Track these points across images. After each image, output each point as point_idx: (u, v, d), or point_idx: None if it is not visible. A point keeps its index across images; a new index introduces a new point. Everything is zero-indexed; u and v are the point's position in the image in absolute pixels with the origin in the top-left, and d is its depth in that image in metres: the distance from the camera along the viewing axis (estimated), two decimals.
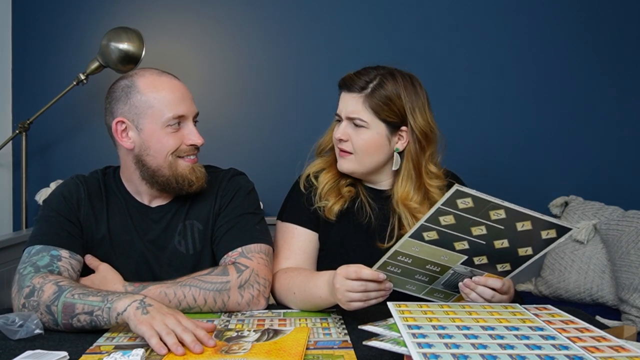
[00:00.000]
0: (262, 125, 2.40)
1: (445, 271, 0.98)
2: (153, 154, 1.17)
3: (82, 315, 0.98)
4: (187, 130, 1.19)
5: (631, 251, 1.89)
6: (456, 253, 0.94)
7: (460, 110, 2.35)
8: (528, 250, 0.93)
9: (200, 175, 1.21)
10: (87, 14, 2.36)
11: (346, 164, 1.30)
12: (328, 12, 2.39)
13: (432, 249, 0.93)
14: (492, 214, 0.85)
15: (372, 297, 0.98)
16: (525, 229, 0.87)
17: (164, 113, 1.15)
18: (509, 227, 0.88)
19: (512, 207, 0.85)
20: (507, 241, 0.91)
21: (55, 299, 1.01)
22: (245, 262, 1.16)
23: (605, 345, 0.71)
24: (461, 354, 0.66)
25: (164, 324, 0.91)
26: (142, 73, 1.19)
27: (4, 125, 2.33)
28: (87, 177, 1.28)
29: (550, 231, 0.88)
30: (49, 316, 1.00)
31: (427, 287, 1.01)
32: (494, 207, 0.84)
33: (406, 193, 1.29)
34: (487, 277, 0.99)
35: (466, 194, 0.83)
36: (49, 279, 1.04)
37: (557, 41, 2.38)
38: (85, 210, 1.21)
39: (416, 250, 0.93)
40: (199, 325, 0.94)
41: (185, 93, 1.20)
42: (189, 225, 1.24)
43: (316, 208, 1.31)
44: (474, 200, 0.84)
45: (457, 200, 0.84)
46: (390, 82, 1.26)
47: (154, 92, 1.16)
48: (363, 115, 1.25)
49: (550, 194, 2.33)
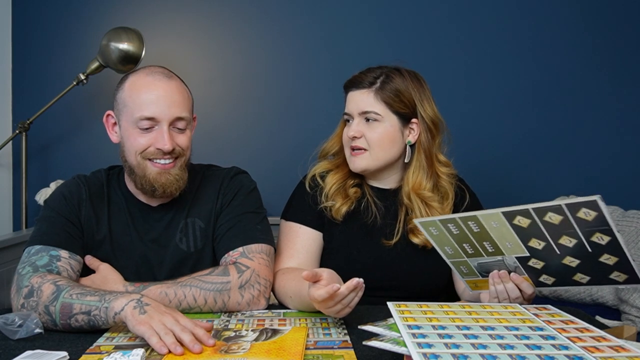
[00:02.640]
0: (262, 124, 2.40)
1: (497, 255, 0.96)
2: (127, 151, 1.18)
3: (80, 315, 0.98)
4: (158, 133, 1.15)
5: (631, 251, 1.89)
6: (524, 246, 0.92)
7: (461, 110, 2.35)
8: (584, 279, 0.92)
9: (166, 182, 1.16)
10: (87, 14, 2.36)
11: (360, 161, 1.30)
12: (328, 12, 2.39)
13: (509, 233, 0.90)
14: (596, 236, 0.84)
15: (351, 301, 0.95)
16: (607, 262, 0.87)
17: (134, 112, 1.14)
18: (595, 255, 0.86)
19: (623, 246, 0.83)
20: (579, 263, 0.89)
21: (53, 299, 1.00)
22: (246, 263, 1.15)
23: (605, 345, 0.71)
24: (461, 354, 0.66)
25: (162, 323, 0.90)
26: (139, 71, 1.20)
27: (4, 125, 2.33)
28: (88, 177, 1.27)
29: (621, 274, 0.87)
30: (47, 317, 1.00)
31: (462, 259, 1.00)
32: (604, 232, 0.82)
33: (419, 182, 1.31)
34: (522, 278, 0.99)
35: (597, 207, 0.80)
36: (47, 279, 1.04)
37: (558, 41, 2.38)
38: (86, 210, 1.21)
39: (494, 225, 0.91)
40: (197, 324, 0.94)
41: (163, 96, 1.14)
42: (190, 222, 1.24)
43: (322, 208, 1.31)
44: (595, 217, 0.81)
45: (582, 208, 0.81)
46: (397, 76, 1.30)
47: (133, 91, 1.16)
48: (376, 108, 1.27)
49: (551, 193, 2.32)
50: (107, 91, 2.33)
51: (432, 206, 1.30)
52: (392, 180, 1.37)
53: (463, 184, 1.41)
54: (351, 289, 0.92)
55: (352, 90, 1.32)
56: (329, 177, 1.35)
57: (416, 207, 1.30)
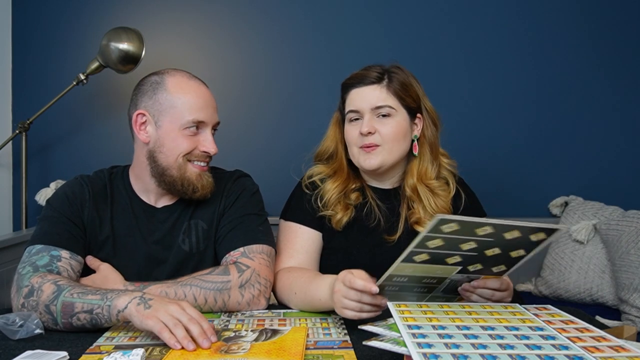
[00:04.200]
0: (262, 125, 2.40)
1: (442, 281, 0.97)
2: (166, 152, 1.18)
3: (82, 314, 0.98)
4: (203, 137, 1.21)
5: (631, 251, 1.89)
6: (450, 266, 0.93)
7: (461, 110, 2.35)
8: (520, 252, 0.92)
9: (206, 183, 1.22)
10: (87, 14, 2.36)
11: (374, 158, 1.28)
12: (328, 12, 2.38)
13: (426, 267, 0.92)
14: (479, 231, 0.84)
15: (365, 309, 0.96)
16: (514, 237, 0.87)
17: (184, 115, 1.17)
18: (497, 238, 0.87)
19: (498, 222, 0.83)
20: (498, 249, 0.90)
21: (54, 298, 1.00)
22: (247, 262, 1.16)
23: (605, 345, 0.71)
24: (461, 354, 0.66)
25: (169, 313, 0.91)
26: (173, 73, 1.22)
27: (4, 125, 2.33)
28: (91, 177, 1.27)
29: (538, 234, 0.88)
30: (48, 316, 1.00)
31: (428, 296, 1.01)
32: (480, 225, 0.83)
33: (424, 172, 1.33)
34: (485, 279, 0.99)
35: (450, 220, 0.81)
36: (47, 279, 1.04)
37: (557, 41, 2.38)
38: (89, 211, 1.21)
39: (410, 271, 0.92)
40: (202, 316, 0.94)
41: (209, 101, 1.22)
42: (193, 224, 1.25)
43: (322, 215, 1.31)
44: (459, 224, 0.82)
45: (441, 226, 0.82)
46: (400, 72, 1.32)
47: (180, 94, 1.18)
48: (390, 102, 1.28)
49: (550, 194, 2.33)
50: (107, 91, 2.33)
51: (439, 194, 1.32)
52: (394, 179, 1.37)
53: (462, 185, 1.40)
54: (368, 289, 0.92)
55: (358, 87, 1.30)
56: (328, 183, 1.34)
57: (423, 197, 1.31)
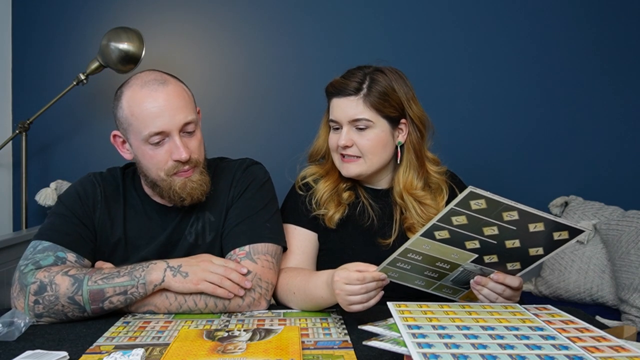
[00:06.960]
0: (262, 125, 2.40)
1: (455, 268, 0.98)
2: (146, 169, 1.16)
3: (115, 296, 1.05)
4: (170, 144, 1.12)
5: (631, 251, 1.89)
6: (467, 252, 0.94)
7: (461, 111, 2.35)
8: (539, 251, 0.92)
9: (191, 190, 1.16)
10: (87, 14, 2.36)
11: (354, 168, 1.28)
12: (328, 12, 2.38)
13: (443, 247, 0.93)
14: (505, 215, 0.85)
15: (372, 296, 0.97)
16: (537, 230, 0.87)
17: (141, 130, 1.10)
18: (521, 228, 0.87)
19: (526, 208, 0.84)
20: (519, 241, 0.90)
21: (76, 289, 1.03)
22: (249, 266, 1.14)
23: (605, 345, 0.71)
24: (461, 354, 0.66)
25: (209, 271, 1.07)
26: (131, 83, 1.14)
27: (4, 125, 2.33)
28: (104, 176, 1.25)
29: (562, 233, 0.88)
30: (73, 306, 1.04)
31: (436, 283, 1.01)
32: (507, 208, 0.84)
33: (410, 182, 1.30)
34: (505, 275, 0.99)
35: (480, 195, 0.82)
36: (54, 271, 1.06)
37: (558, 41, 2.38)
38: (101, 212, 1.20)
39: (427, 248, 0.93)
40: (228, 261, 1.12)
41: (164, 106, 1.10)
42: (201, 216, 1.23)
43: (315, 215, 1.31)
44: (488, 202, 0.83)
45: (470, 201, 0.83)
46: (381, 77, 1.26)
47: (133, 108, 1.11)
48: (367, 115, 1.25)
49: (550, 194, 2.33)
50: (107, 91, 2.33)
51: (426, 204, 1.30)
52: (384, 181, 1.37)
53: (454, 180, 1.39)
54: (377, 278, 0.96)
55: (337, 98, 1.28)
56: (320, 183, 1.34)
57: (410, 206, 1.30)
